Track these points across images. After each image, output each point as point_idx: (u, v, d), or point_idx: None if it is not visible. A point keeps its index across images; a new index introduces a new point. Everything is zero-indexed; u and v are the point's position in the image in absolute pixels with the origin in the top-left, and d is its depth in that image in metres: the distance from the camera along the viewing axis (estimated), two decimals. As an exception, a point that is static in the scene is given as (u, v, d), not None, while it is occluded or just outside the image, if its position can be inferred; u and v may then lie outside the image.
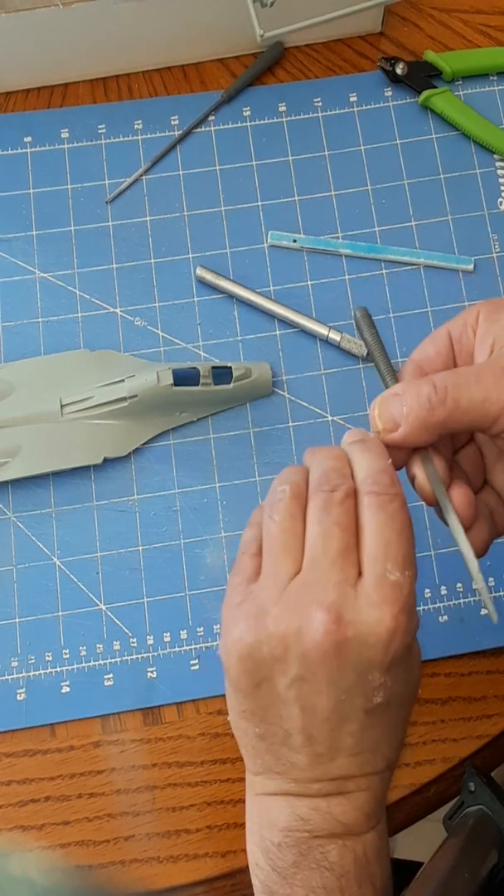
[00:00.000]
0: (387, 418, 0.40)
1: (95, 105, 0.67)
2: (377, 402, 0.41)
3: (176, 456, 0.60)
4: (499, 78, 0.68)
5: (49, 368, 0.61)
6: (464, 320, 0.42)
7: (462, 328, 0.42)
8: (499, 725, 0.56)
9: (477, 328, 0.42)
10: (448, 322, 0.43)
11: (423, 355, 0.43)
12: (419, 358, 0.43)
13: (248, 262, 0.64)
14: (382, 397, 0.41)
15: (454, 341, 0.42)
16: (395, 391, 0.40)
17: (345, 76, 0.68)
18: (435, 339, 0.43)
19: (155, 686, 0.57)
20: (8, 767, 0.56)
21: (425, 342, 0.43)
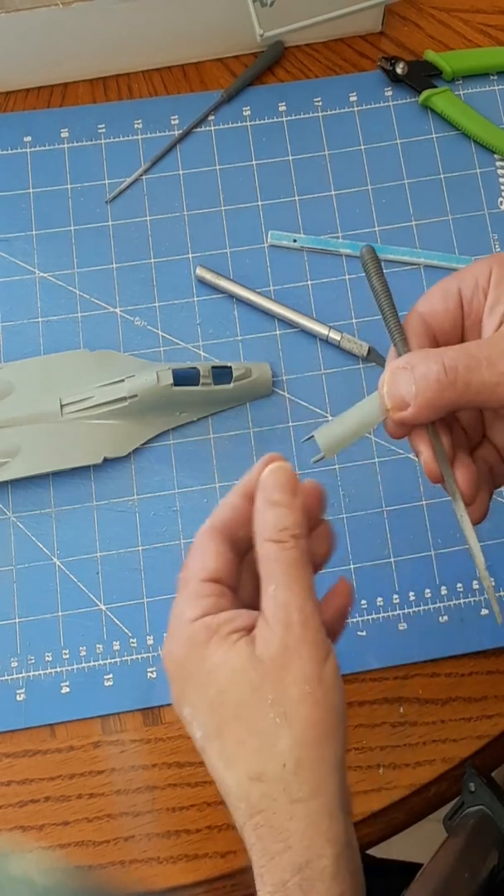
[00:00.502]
0: (396, 397, 0.39)
1: (95, 105, 0.67)
2: (385, 378, 0.40)
3: (176, 456, 0.60)
4: (499, 77, 0.68)
5: (49, 368, 0.61)
6: (475, 279, 0.41)
7: (473, 288, 0.41)
8: (499, 726, 0.56)
9: (489, 291, 0.40)
10: (458, 274, 0.42)
11: (430, 309, 0.42)
12: (426, 311, 0.42)
13: (248, 261, 0.64)
14: (391, 372, 0.40)
15: (464, 301, 0.41)
16: (403, 364, 0.39)
17: (345, 76, 0.68)
18: (445, 294, 0.41)
19: (155, 686, 0.57)
20: (8, 768, 0.55)
21: (433, 294, 0.42)
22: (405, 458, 0.60)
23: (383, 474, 0.60)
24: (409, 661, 0.57)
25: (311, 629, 0.37)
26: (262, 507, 0.39)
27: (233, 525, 0.40)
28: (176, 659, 0.38)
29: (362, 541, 0.59)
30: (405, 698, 0.57)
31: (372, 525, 0.59)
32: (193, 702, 0.38)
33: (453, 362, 0.38)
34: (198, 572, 0.39)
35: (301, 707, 0.36)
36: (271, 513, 0.38)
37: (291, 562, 0.37)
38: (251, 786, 0.36)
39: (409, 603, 0.58)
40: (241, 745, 0.36)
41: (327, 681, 0.36)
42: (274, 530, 0.38)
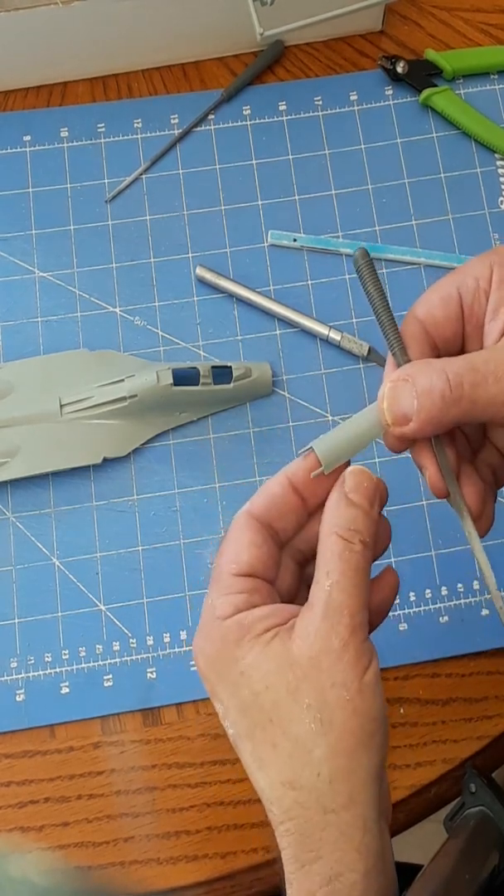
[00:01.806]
0: (397, 413, 0.37)
1: (95, 104, 0.67)
2: (385, 392, 0.38)
3: (176, 456, 0.60)
4: (499, 77, 0.68)
5: (48, 368, 0.61)
6: (475, 280, 0.39)
7: (474, 291, 0.39)
8: (500, 726, 0.56)
9: (490, 293, 0.38)
10: (456, 275, 0.39)
11: (429, 315, 0.39)
12: (424, 317, 0.40)
13: (248, 261, 0.64)
14: (391, 386, 0.38)
15: (464, 305, 0.39)
16: (404, 375, 0.37)
17: (345, 75, 0.68)
18: (444, 300, 0.39)
19: (155, 687, 0.57)
20: (7, 768, 0.55)
21: (431, 299, 0.40)
22: (405, 458, 0.60)
23: (383, 474, 0.60)
24: (409, 662, 0.57)
25: (358, 636, 0.35)
26: (339, 501, 0.37)
27: (272, 513, 0.38)
28: (207, 656, 0.37)
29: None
30: (405, 699, 0.56)
31: (372, 525, 0.59)
32: (225, 701, 0.37)
33: (458, 378, 0.36)
34: (230, 566, 0.38)
35: (339, 713, 0.34)
36: (348, 511, 0.37)
37: (355, 565, 0.36)
38: (283, 791, 0.35)
39: (410, 603, 0.58)
40: (274, 748, 0.35)
41: (368, 689, 0.35)
42: (345, 528, 0.36)
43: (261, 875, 0.54)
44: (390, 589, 0.40)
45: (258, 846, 0.54)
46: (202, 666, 0.38)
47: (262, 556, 0.38)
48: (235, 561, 0.38)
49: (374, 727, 0.35)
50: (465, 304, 0.39)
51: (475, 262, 0.39)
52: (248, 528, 0.38)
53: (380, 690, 0.35)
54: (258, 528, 0.38)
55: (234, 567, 0.37)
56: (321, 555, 0.37)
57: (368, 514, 0.37)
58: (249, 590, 0.37)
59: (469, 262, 0.40)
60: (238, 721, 0.36)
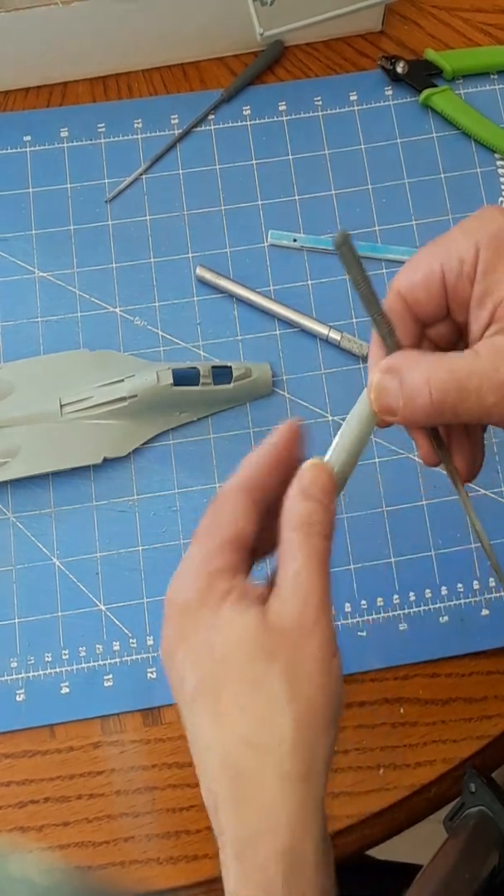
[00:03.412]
0: (384, 406, 0.38)
1: (95, 104, 0.67)
2: (373, 385, 0.39)
3: (176, 456, 0.60)
4: (499, 77, 0.68)
5: (49, 368, 0.61)
6: (460, 262, 0.38)
7: (458, 274, 0.38)
8: (499, 726, 0.56)
9: (476, 281, 0.38)
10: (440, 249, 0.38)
11: (410, 293, 0.39)
12: (407, 294, 0.39)
13: (248, 261, 0.64)
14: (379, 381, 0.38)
15: (448, 285, 0.38)
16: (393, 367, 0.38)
17: (345, 75, 0.68)
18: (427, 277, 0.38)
19: (155, 686, 0.57)
20: (7, 768, 0.55)
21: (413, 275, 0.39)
22: (405, 458, 0.60)
23: (383, 474, 0.60)
24: (409, 662, 0.57)
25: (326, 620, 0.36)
26: (297, 496, 0.38)
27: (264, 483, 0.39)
28: (184, 602, 0.37)
29: (362, 541, 0.59)
30: (405, 699, 0.56)
31: (372, 525, 0.59)
32: (195, 648, 0.36)
33: (442, 395, 0.37)
34: (226, 529, 0.38)
35: (307, 687, 0.35)
36: (304, 504, 0.37)
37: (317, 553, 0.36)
38: (243, 752, 0.34)
39: (409, 603, 0.58)
40: (240, 708, 0.35)
41: (335, 672, 0.35)
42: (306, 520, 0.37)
43: (261, 875, 0.54)
44: None
45: (258, 846, 0.54)
46: (174, 611, 0.37)
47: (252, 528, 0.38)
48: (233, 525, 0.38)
49: (336, 708, 0.35)
50: (448, 284, 0.38)
51: (460, 236, 0.38)
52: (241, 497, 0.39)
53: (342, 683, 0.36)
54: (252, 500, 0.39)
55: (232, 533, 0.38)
56: (284, 545, 0.37)
57: (327, 507, 0.38)
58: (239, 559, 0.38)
59: (454, 235, 0.38)
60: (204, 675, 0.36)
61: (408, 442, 0.60)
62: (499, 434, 0.61)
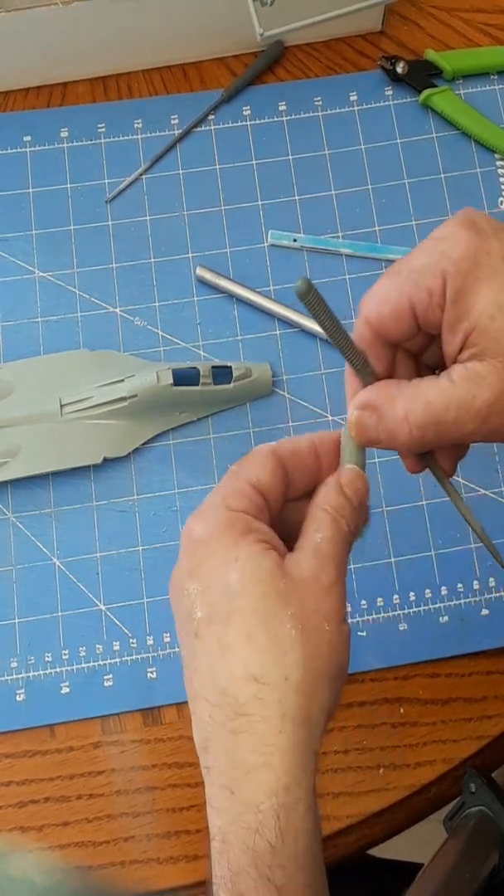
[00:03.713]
0: (366, 442, 0.40)
1: (95, 104, 0.67)
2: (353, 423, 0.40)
3: (176, 456, 0.60)
4: (499, 77, 0.68)
5: (49, 368, 0.61)
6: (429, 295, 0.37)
7: (427, 305, 0.37)
8: (499, 726, 0.56)
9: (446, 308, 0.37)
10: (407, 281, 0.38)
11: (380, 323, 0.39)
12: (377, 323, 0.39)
13: (248, 261, 0.64)
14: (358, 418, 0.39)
15: (418, 316, 0.38)
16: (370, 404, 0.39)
17: (345, 75, 0.68)
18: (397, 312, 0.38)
19: (155, 686, 0.57)
20: (7, 768, 0.55)
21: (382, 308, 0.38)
22: (405, 458, 0.60)
23: (383, 474, 0.60)
24: (409, 662, 0.57)
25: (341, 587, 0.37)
26: (335, 487, 0.39)
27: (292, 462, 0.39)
28: (202, 534, 0.37)
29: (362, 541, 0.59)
30: (405, 699, 0.57)
31: (372, 525, 0.59)
32: (208, 579, 0.36)
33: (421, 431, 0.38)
34: (252, 477, 0.38)
35: (316, 637, 0.35)
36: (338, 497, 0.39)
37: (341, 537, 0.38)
38: (245, 684, 0.34)
39: (409, 603, 0.58)
40: (248, 639, 0.35)
41: (344, 634, 0.36)
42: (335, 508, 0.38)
43: (261, 875, 0.54)
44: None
45: (258, 846, 0.54)
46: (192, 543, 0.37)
47: (277, 489, 0.39)
48: (258, 475, 0.38)
49: (340, 670, 0.36)
50: (418, 315, 0.38)
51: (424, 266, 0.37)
52: (272, 459, 0.39)
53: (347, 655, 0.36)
54: (279, 465, 0.39)
55: (256, 479, 0.38)
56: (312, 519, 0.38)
57: (356, 507, 0.39)
58: (261, 506, 0.38)
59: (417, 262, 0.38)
60: (216, 603, 0.36)
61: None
62: (499, 434, 0.61)
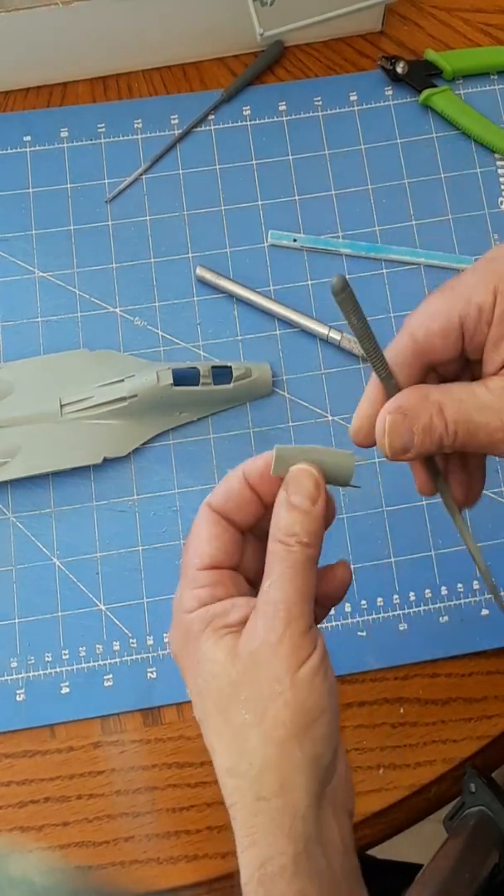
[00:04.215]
0: (397, 448, 0.39)
1: (95, 104, 0.67)
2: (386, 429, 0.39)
3: (176, 456, 0.60)
4: (499, 77, 0.68)
5: (49, 368, 0.61)
6: (479, 311, 0.38)
7: (476, 321, 0.38)
8: (499, 726, 0.56)
9: (493, 324, 0.38)
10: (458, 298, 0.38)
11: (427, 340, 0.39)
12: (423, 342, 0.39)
13: (248, 261, 0.64)
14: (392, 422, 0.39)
15: (466, 333, 0.39)
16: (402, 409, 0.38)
17: (345, 75, 0.68)
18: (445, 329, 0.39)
19: (155, 686, 0.57)
20: (7, 768, 0.55)
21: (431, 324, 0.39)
22: (405, 458, 0.60)
23: (383, 474, 0.60)
24: (409, 662, 0.57)
25: (293, 630, 0.36)
26: (280, 506, 0.39)
27: (230, 506, 0.40)
28: (175, 646, 0.40)
29: (362, 541, 0.59)
30: (405, 699, 0.57)
31: (372, 525, 0.59)
32: (190, 685, 0.39)
33: (454, 426, 0.38)
34: (194, 560, 0.39)
35: (271, 706, 0.36)
36: (287, 515, 0.38)
37: (293, 563, 0.37)
38: (227, 778, 0.37)
39: (409, 603, 0.58)
40: (218, 736, 0.37)
41: (301, 681, 0.36)
42: (285, 533, 0.38)
43: (261, 875, 0.54)
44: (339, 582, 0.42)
45: (258, 846, 0.54)
46: (174, 653, 0.40)
47: (224, 546, 0.40)
48: (198, 555, 0.40)
49: (309, 719, 0.36)
50: (466, 333, 0.39)
51: (478, 283, 0.38)
52: (208, 521, 0.40)
53: (318, 684, 0.36)
54: (217, 520, 0.40)
55: (198, 561, 0.39)
56: (266, 559, 0.38)
57: (309, 513, 0.38)
58: (213, 583, 0.39)
59: (470, 281, 0.39)
60: (197, 705, 0.38)
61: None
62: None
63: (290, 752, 0.36)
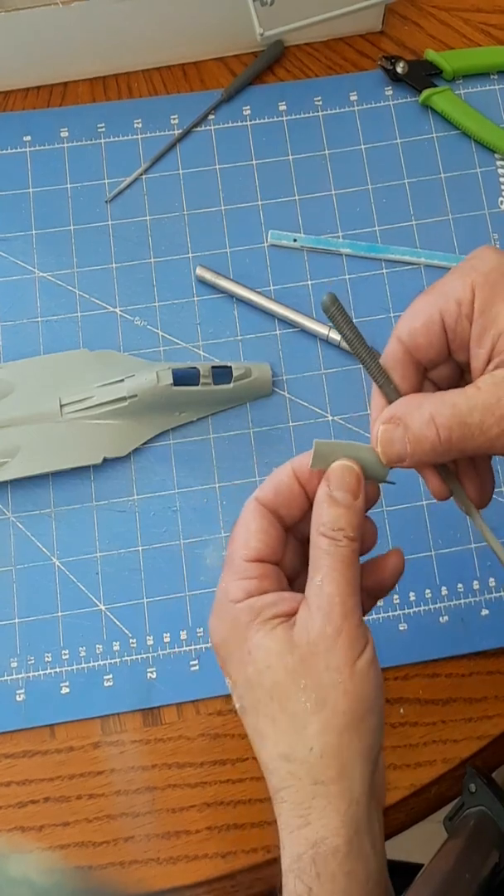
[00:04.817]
0: (392, 456, 0.40)
1: (95, 104, 0.67)
2: (379, 439, 0.40)
3: (176, 456, 0.60)
4: (499, 77, 0.68)
5: (49, 368, 0.61)
6: (458, 305, 0.39)
7: (456, 317, 0.39)
8: (499, 726, 0.56)
9: (474, 319, 0.39)
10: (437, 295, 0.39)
11: (412, 341, 0.40)
12: (408, 342, 0.40)
13: (248, 261, 0.64)
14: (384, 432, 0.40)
15: (447, 329, 0.40)
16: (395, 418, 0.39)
17: (345, 75, 0.68)
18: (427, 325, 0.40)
19: (155, 687, 0.57)
20: (7, 768, 0.55)
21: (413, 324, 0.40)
22: (405, 458, 0.60)
23: (383, 474, 0.60)
24: (409, 662, 0.57)
25: (350, 622, 0.37)
26: (323, 501, 0.39)
27: (279, 501, 0.41)
28: (219, 635, 0.40)
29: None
30: (405, 699, 0.56)
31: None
32: (234, 675, 0.40)
33: (447, 433, 0.38)
34: (241, 551, 0.40)
35: (332, 694, 0.37)
36: (331, 510, 0.39)
37: (342, 558, 0.38)
38: (279, 763, 0.37)
39: (409, 603, 0.58)
40: (273, 723, 0.38)
41: (360, 672, 0.37)
42: (330, 528, 0.39)
43: (261, 875, 0.54)
44: (392, 571, 0.42)
45: (258, 846, 0.54)
46: (216, 643, 0.41)
47: (271, 542, 0.41)
48: (246, 547, 0.40)
49: (365, 709, 0.37)
50: (448, 328, 0.40)
51: (455, 280, 0.39)
52: (256, 514, 0.41)
53: (373, 676, 0.38)
54: (265, 514, 0.41)
55: (245, 553, 0.40)
56: (312, 553, 0.39)
57: (351, 508, 0.39)
58: (259, 575, 0.40)
59: (449, 279, 0.40)
60: (244, 695, 0.39)
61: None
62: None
63: (349, 740, 0.37)
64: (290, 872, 0.37)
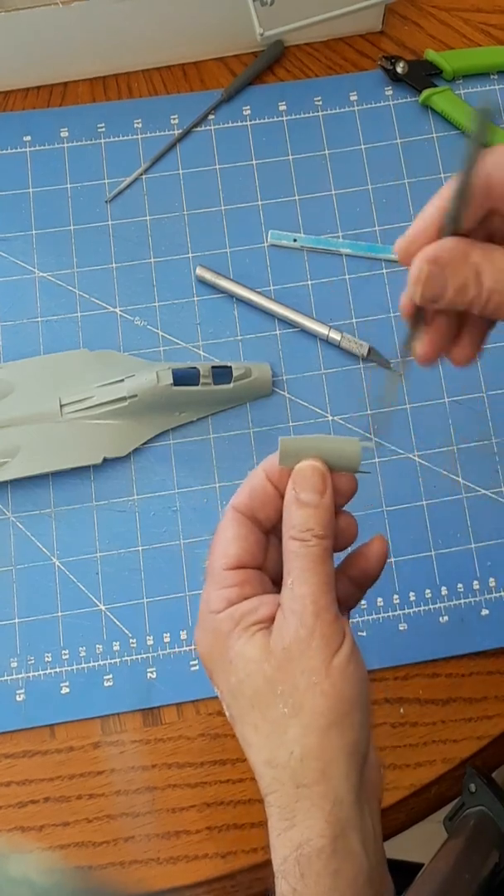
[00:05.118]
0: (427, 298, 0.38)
1: (95, 104, 0.67)
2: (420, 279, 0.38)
3: (176, 456, 0.60)
4: (499, 77, 0.68)
5: (49, 368, 0.61)
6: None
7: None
8: (499, 726, 0.56)
9: None
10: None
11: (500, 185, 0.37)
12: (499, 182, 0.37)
13: (248, 261, 0.64)
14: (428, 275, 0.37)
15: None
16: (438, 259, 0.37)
17: (345, 75, 0.68)
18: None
19: (155, 687, 0.57)
20: (7, 768, 0.55)
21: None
22: (405, 458, 0.60)
23: (383, 474, 0.60)
24: (409, 662, 0.57)
25: (323, 620, 0.37)
26: (290, 504, 0.40)
27: (254, 505, 0.41)
28: (204, 647, 0.40)
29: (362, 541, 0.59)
30: (405, 699, 0.56)
31: (372, 525, 0.59)
32: (219, 686, 0.40)
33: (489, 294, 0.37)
34: (220, 560, 0.40)
35: (309, 697, 0.37)
36: (298, 512, 0.39)
37: (312, 558, 0.38)
38: (264, 769, 0.38)
39: (409, 603, 0.58)
40: (256, 731, 0.38)
41: (337, 670, 0.37)
42: (298, 530, 0.39)
43: (261, 875, 0.54)
44: (377, 558, 0.43)
45: (258, 846, 0.54)
46: (202, 654, 0.41)
47: (249, 547, 0.41)
48: (224, 555, 0.40)
49: (347, 707, 0.37)
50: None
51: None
52: (233, 522, 0.41)
53: (352, 672, 0.38)
54: (242, 521, 0.41)
55: (224, 561, 0.40)
56: (284, 557, 0.39)
57: (319, 506, 0.39)
58: (240, 582, 0.40)
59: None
60: (231, 705, 0.39)
61: (407, 442, 0.60)
62: (499, 434, 0.61)
63: (329, 740, 0.37)
64: (279, 874, 0.38)
